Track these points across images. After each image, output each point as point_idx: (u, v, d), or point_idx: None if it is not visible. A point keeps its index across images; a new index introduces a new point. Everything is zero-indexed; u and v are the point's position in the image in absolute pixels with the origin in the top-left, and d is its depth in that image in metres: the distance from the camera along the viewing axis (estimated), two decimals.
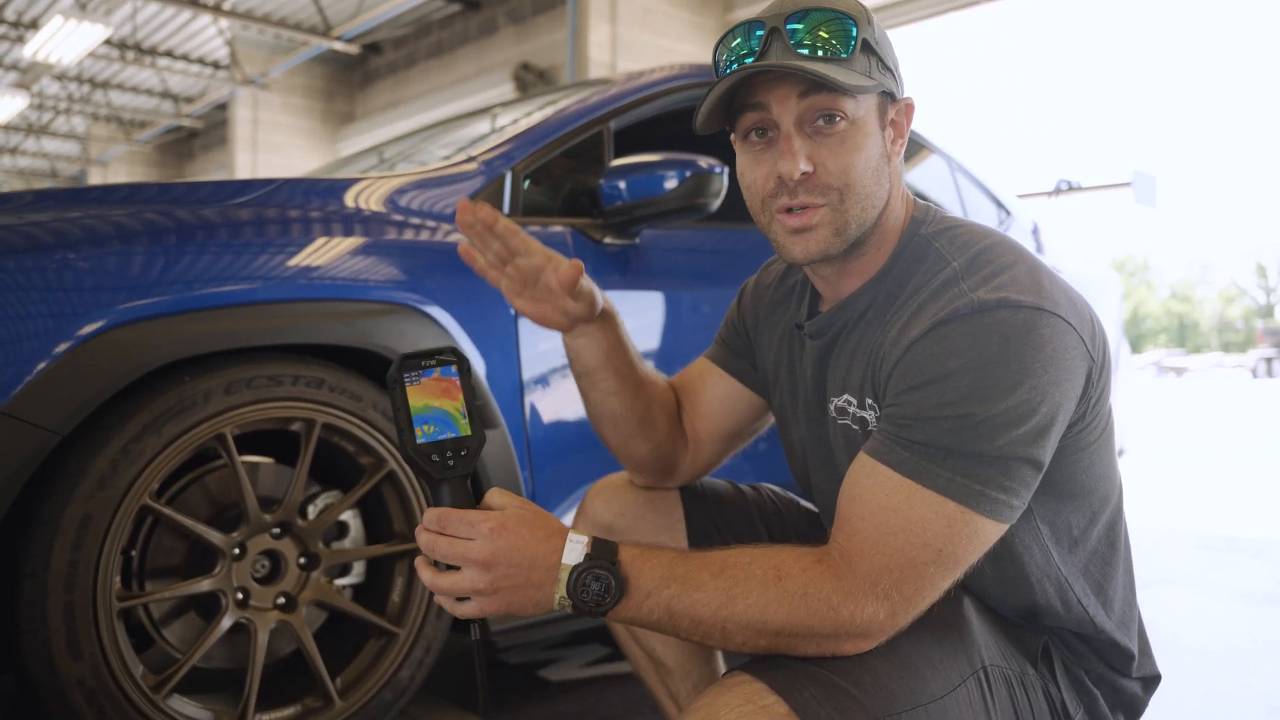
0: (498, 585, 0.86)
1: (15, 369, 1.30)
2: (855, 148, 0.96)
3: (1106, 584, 1.06)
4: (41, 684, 1.34)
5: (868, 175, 0.97)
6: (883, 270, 1.04)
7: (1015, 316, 0.89)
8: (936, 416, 0.88)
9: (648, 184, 1.97)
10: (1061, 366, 0.90)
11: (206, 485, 1.60)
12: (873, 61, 0.97)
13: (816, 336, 1.10)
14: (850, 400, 1.04)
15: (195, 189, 1.66)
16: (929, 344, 0.91)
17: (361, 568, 1.77)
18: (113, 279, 1.41)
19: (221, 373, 1.48)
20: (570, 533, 0.89)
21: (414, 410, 0.90)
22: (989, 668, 0.97)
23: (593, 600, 0.86)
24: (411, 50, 12.11)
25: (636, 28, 8.52)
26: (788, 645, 0.88)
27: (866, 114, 0.97)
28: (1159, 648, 2.26)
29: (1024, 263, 0.95)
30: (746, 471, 1.93)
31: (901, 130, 1.03)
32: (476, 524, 0.86)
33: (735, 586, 0.87)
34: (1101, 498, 1.04)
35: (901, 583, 0.87)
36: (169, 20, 12.11)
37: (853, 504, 0.91)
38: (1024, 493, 0.91)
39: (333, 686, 1.60)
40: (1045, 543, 1.01)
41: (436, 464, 0.89)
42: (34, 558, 1.33)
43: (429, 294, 1.71)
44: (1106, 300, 3.58)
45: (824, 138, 0.96)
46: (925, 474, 0.88)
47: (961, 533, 0.88)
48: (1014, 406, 0.87)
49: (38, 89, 13.96)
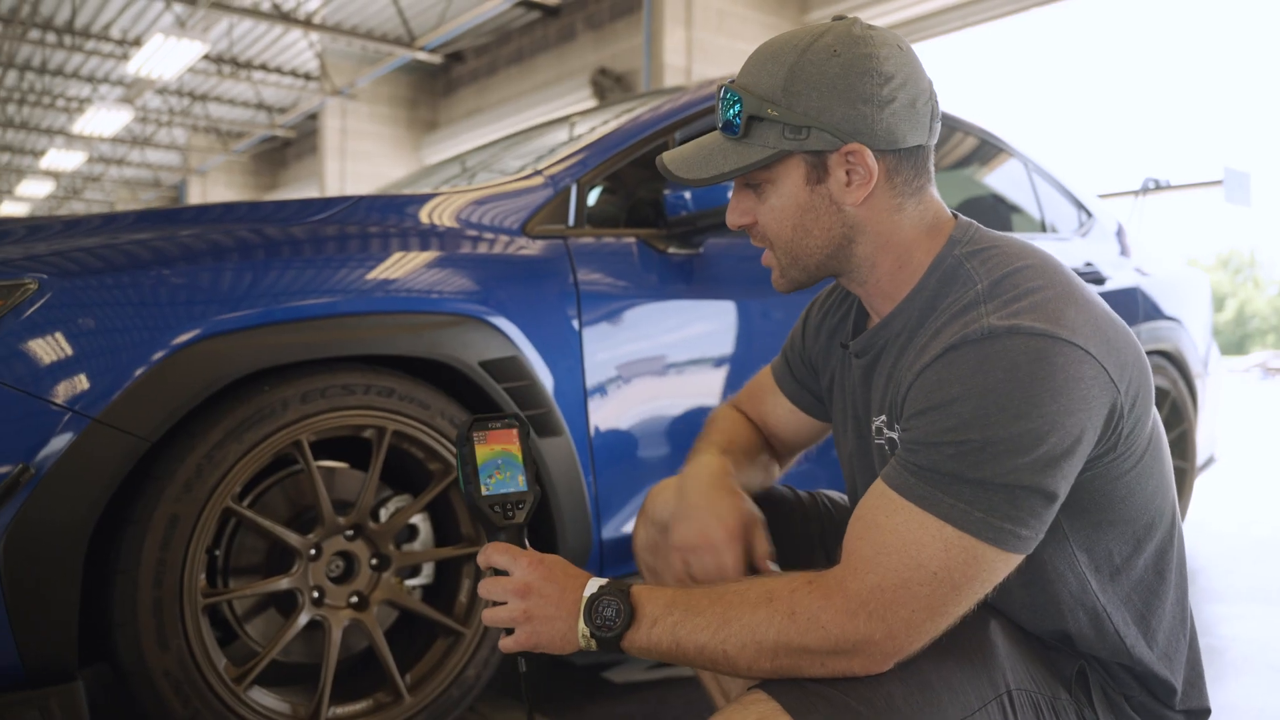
0: (531, 614, 0.97)
1: (110, 379, 1.40)
2: (771, 207, 1.04)
3: (1151, 614, 1.04)
4: (132, 674, 1.44)
5: (785, 229, 1.04)
6: (915, 290, 1.04)
7: (1025, 344, 0.88)
8: (940, 442, 0.89)
9: (711, 194, 1.99)
10: (1074, 396, 0.88)
11: (285, 489, 1.69)
12: (775, 129, 1.00)
13: (860, 355, 1.12)
14: (884, 420, 1.06)
15: (282, 207, 1.74)
16: (938, 369, 0.92)
17: (430, 569, 1.84)
18: (204, 293, 1.50)
19: (298, 382, 1.56)
20: (593, 577, 0.99)
21: (480, 463, 1.02)
22: (1014, 691, 0.96)
23: (605, 625, 0.94)
24: (492, 58, 12.33)
25: (711, 31, 8.51)
26: (790, 666, 0.90)
27: (783, 175, 1.02)
28: (1239, 665, 2.20)
29: (1052, 288, 0.93)
30: (820, 477, 1.94)
31: (859, 170, 1.00)
32: (517, 558, 1.00)
33: (730, 610, 0.91)
34: (1146, 525, 1.02)
35: (895, 604, 0.87)
36: (262, 35, 12.60)
37: (855, 524, 0.93)
38: (1035, 523, 0.89)
39: (402, 683, 1.67)
40: (1082, 570, 1.00)
41: (497, 514, 1.01)
42: (126, 556, 1.43)
43: (496, 305, 1.76)
44: (1195, 302, 3.46)
45: (757, 194, 1.06)
46: (927, 499, 0.89)
47: (959, 558, 0.87)
48: (1019, 435, 0.86)
49: (141, 103, 14.63)
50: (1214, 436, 3.55)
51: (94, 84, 14.48)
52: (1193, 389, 3.24)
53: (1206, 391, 3.37)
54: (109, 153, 19.05)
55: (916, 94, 1.00)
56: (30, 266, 1.42)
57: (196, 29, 10.58)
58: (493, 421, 1.04)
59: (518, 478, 1.03)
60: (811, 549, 1.36)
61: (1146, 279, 3.19)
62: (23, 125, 16.56)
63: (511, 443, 1.04)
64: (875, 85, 0.97)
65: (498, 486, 1.02)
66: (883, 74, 0.97)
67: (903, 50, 1.00)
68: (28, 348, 1.36)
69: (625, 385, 1.92)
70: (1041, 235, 3.10)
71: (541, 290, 1.84)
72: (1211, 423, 3.48)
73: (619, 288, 1.95)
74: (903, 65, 0.99)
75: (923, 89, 1.00)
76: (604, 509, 1.89)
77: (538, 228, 1.93)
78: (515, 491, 1.02)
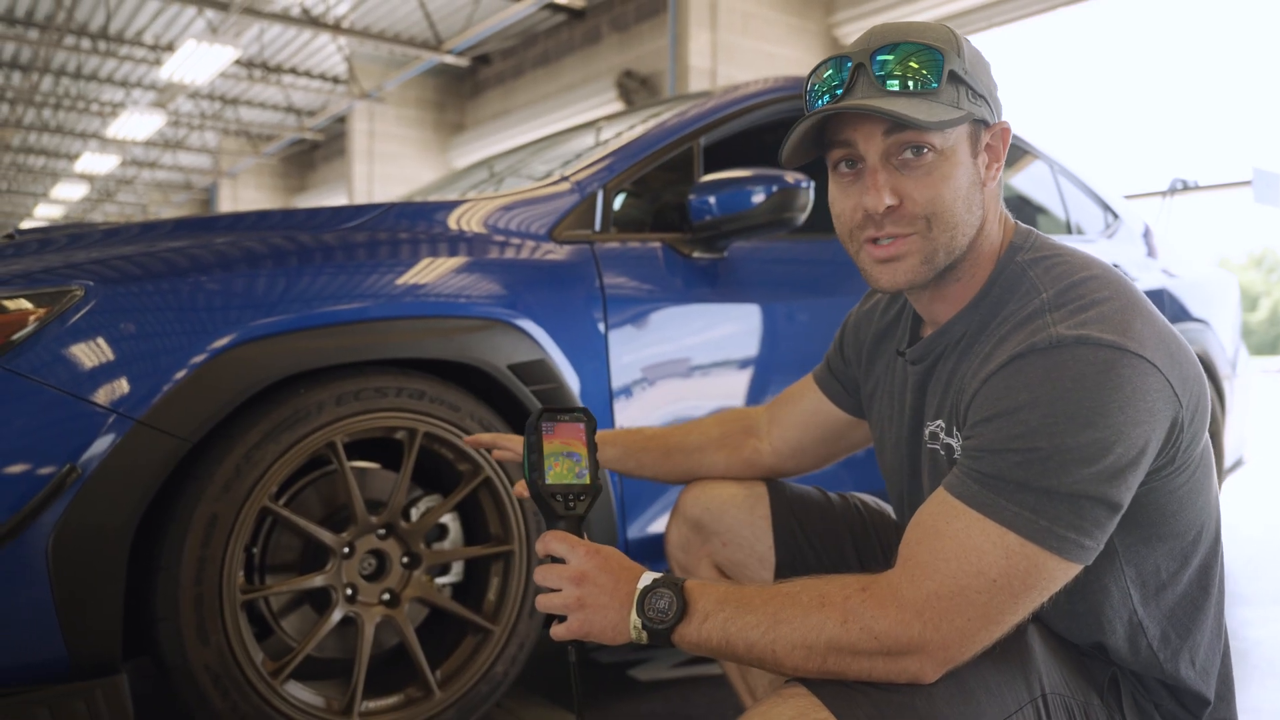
0: (585, 602, 0.97)
1: (152, 382, 1.44)
2: (943, 178, 0.98)
3: (1194, 628, 1.03)
4: (174, 667, 1.49)
5: (957, 204, 0.99)
6: (978, 296, 1.04)
7: (1094, 354, 0.88)
8: (1005, 449, 0.89)
9: (735, 199, 2.01)
10: (1140, 408, 0.88)
11: (319, 489, 1.73)
12: (962, 91, 0.98)
13: (917, 362, 1.12)
14: (941, 426, 1.06)
15: (314, 215, 1.79)
16: (1004, 377, 0.92)
17: (460, 567, 1.87)
18: (240, 299, 1.54)
19: (332, 385, 1.60)
20: (648, 570, 0.99)
21: (547, 454, 1.04)
22: (1049, 695, 0.96)
23: (658, 617, 0.94)
24: (519, 61, 12.40)
25: (737, 33, 8.51)
26: (838, 669, 0.89)
27: (955, 144, 0.98)
28: (1263, 668, 2.19)
29: (1118, 299, 0.93)
30: (845, 480, 1.96)
31: (997, 154, 1.03)
32: (575, 546, 1.00)
33: (782, 611, 0.91)
34: (1194, 540, 1.02)
35: (951, 611, 0.86)
36: (292, 39, 12.74)
37: (915, 529, 0.93)
38: (1097, 533, 0.89)
39: (433, 678, 1.71)
40: (1126, 585, 1.00)
41: (559, 503, 1.03)
42: (168, 553, 1.47)
43: (524, 309, 1.80)
44: (1223, 304, 3.44)
45: (911, 170, 0.98)
46: (990, 506, 0.88)
47: (1020, 566, 0.87)
48: (1086, 444, 0.86)
49: (173, 107, 14.83)
50: (1242, 439, 3.52)
51: (127, 89, 14.71)
52: (1220, 391, 3.22)
53: (1234, 394, 3.35)
54: (142, 156, 19.31)
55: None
56: (73, 274, 1.47)
57: (228, 34, 10.71)
58: (561, 414, 1.07)
59: (582, 470, 1.05)
60: (841, 549, 1.39)
61: (1174, 281, 3.17)
62: (58, 129, 16.85)
63: (578, 436, 1.06)
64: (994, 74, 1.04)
65: (562, 477, 1.04)
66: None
67: None
68: (73, 352, 1.40)
69: (650, 387, 1.95)
70: (1067, 237, 3.09)
71: (568, 294, 1.88)
72: (1240, 425, 3.46)
73: (644, 291, 1.98)
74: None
75: None
76: (629, 508, 1.92)
77: (564, 233, 1.96)
78: (578, 483, 1.04)
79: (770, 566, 1.40)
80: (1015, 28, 8.49)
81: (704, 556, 1.45)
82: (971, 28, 8.51)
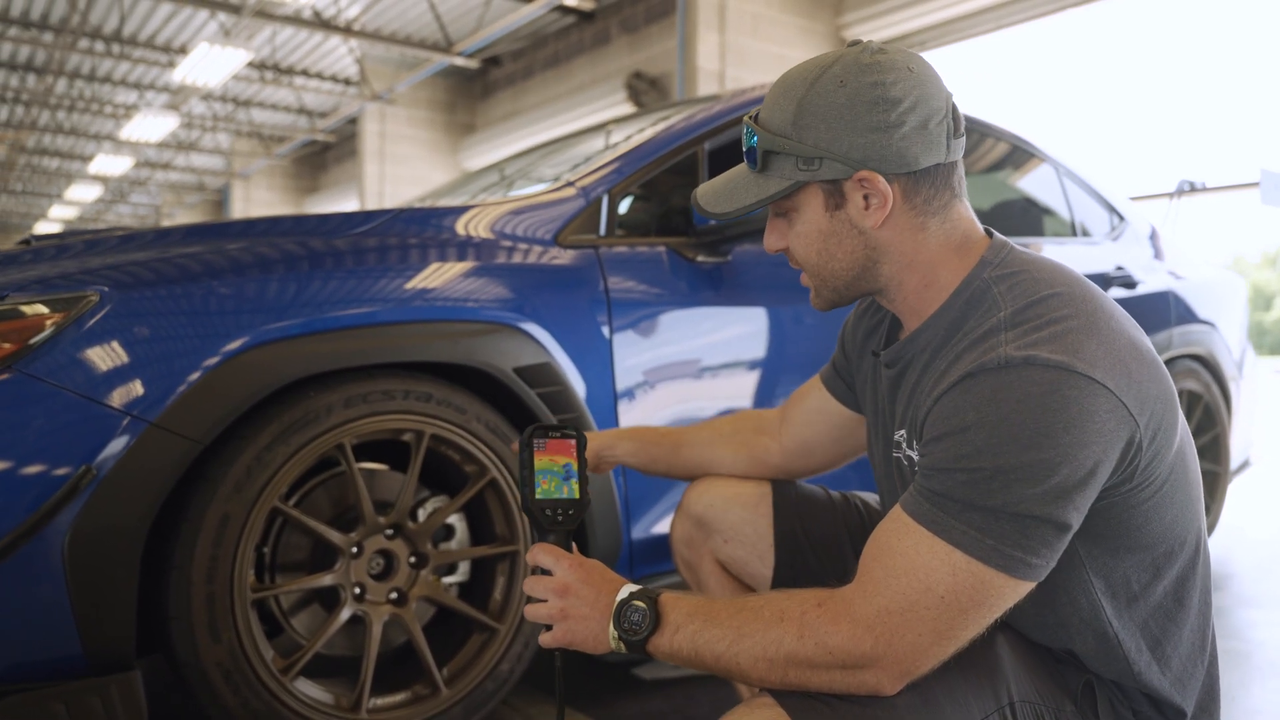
0: (568, 613, 1.03)
1: (165, 385, 1.47)
2: (797, 235, 1.09)
3: (1167, 640, 1.04)
4: (186, 664, 1.52)
5: (811, 254, 1.09)
6: (943, 308, 1.05)
7: (1040, 375, 0.89)
8: (953, 468, 0.91)
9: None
10: (1088, 429, 0.88)
11: (329, 490, 1.77)
12: (790, 162, 1.03)
13: (890, 366, 1.14)
14: (904, 436, 1.09)
15: (325, 220, 1.82)
16: (954, 396, 0.93)
17: (466, 567, 1.91)
18: (252, 304, 1.57)
19: (341, 388, 1.63)
20: (629, 583, 1.04)
21: (538, 469, 1.09)
22: (1017, 703, 0.97)
23: (633, 629, 0.99)
24: (529, 62, 12.44)
25: (746, 35, 8.53)
26: (799, 681, 0.92)
27: (804, 203, 1.06)
28: (1265, 670, 2.19)
29: (1077, 319, 0.93)
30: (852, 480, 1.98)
31: (876, 193, 1.02)
32: (560, 559, 1.06)
33: (745, 625, 0.95)
34: (1166, 552, 1.02)
35: (901, 627, 0.89)
36: (304, 42, 12.81)
37: (871, 545, 0.96)
38: (1046, 552, 0.90)
39: (439, 676, 1.74)
40: (1096, 596, 1.01)
41: (548, 517, 1.08)
42: (180, 552, 1.51)
43: (529, 313, 1.82)
44: (1229, 305, 3.44)
45: (786, 221, 1.11)
46: (939, 524, 0.91)
47: (967, 583, 0.89)
48: (1029, 465, 0.87)
49: (186, 109, 14.92)
50: (1248, 440, 3.52)
51: (141, 91, 14.81)
52: (1226, 393, 3.23)
53: (1241, 395, 3.36)
54: (155, 157, 19.43)
55: (928, 115, 1.00)
56: (89, 280, 1.50)
57: (240, 37, 10.78)
58: (553, 432, 1.12)
59: (571, 486, 1.10)
60: (841, 548, 1.42)
61: (1180, 282, 3.18)
62: (72, 131, 16.99)
63: (568, 453, 1.12)
64: (882, 112, 0.99)
65: (551, 492, 1.09)
66: (890, 100, 0.99)
67: (913, 73, 1.00)
68: (89, 356, 1.44)
69: (654, 390, 1.97)
70: (1072, 239, 3.10)
71: (573, 298, 1.91)
72: (1246, 426, 3.46)
73: (648, 295, 2.01)
74: (912, 88, 0.99)
75: (935, 109, 1.00)
76: (633, 510, 1.95)
77: (569, 238, 1.99)
78: (566, 498, 1.10)
79: (771, 565, 1.43)
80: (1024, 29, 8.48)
81: (706, 552, 1.48)
82: (980, 29, 8.50)
